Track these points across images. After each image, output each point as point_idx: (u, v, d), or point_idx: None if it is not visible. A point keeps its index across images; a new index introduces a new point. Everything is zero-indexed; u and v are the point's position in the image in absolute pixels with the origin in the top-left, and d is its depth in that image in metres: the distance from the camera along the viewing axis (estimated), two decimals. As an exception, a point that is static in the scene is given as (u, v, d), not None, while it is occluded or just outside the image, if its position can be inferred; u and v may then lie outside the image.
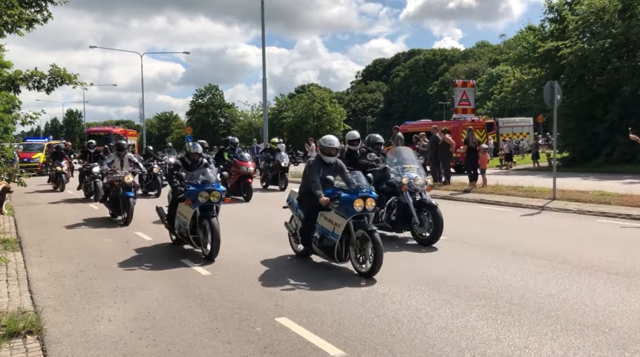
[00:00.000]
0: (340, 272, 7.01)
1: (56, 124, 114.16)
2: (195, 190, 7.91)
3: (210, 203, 7.92)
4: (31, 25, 9.94)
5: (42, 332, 4.84)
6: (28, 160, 30.15)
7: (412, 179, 8.83)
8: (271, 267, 7.42)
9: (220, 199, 8.01)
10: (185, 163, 8.75)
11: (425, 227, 8.61)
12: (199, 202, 7.85)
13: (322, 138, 7.73)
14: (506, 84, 50.25)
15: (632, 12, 23.33)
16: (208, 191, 7.91)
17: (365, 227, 6.68)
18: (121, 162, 12.19)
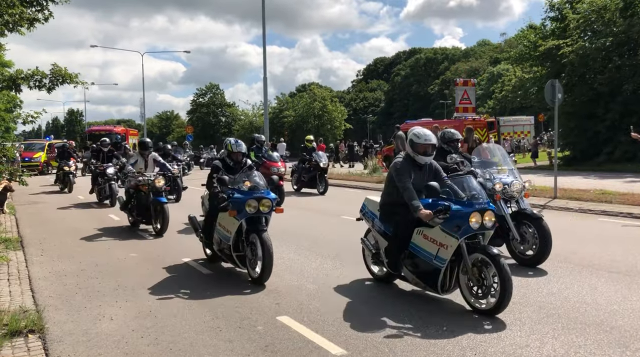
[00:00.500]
0: (341, 272, 7.01)
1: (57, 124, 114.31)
2: (241, 198, 6.56)
3: (260, 214, 6.58)
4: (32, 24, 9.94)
5: (43, 331, 4.85)
6: (29, 159, 30.18)
7: (507, 184, 7.18)
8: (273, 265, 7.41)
9: (271, 209, 6.68)
10: (227, 165, 7.32)
11: (527, 244, 7.02)
12: (246, 213, 6.49)
13: (414, 132, 5.86)
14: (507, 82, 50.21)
15: (634, 11, 23.30)
16: (257, 199, 6.56)
17: (485, 250, 5.19)
18: (145, 163, 10.67)
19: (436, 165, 5.94)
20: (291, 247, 8.64)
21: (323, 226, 10.97)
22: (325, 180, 16.76)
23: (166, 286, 6.48)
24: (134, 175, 10.41)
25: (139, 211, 10.50)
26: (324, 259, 7.68)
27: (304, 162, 17.32)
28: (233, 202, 6.57)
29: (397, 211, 5.75)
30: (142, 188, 10.34)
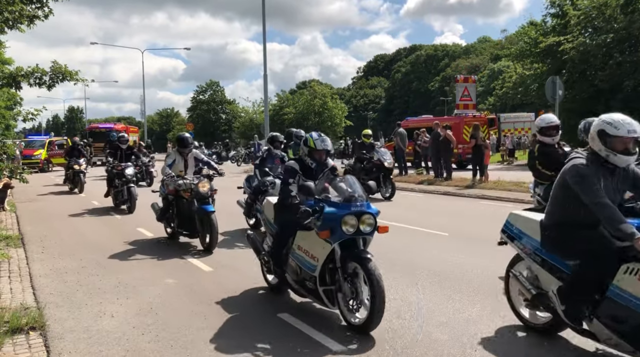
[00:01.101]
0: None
1: (57, 121, 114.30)
2: (335, 213, 4.75)
3: (361, 235, 4.79)
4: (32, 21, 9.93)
5: (44, 328, 4.85)
6: (29, 156, 30.18)
7: None
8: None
9: (374, 228, 4.84)
10: (306, 166, 5.57)
11: None
12: (343, 234, 4.69)
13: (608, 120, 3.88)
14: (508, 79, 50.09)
15: (635, 7, 23.28)
16: (357, 215, 4.75)
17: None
18: (185, 163, 8.88)
19: (635, 171, 4.06)
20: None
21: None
22: (391, 182, 14.29)
23: (167, 283, 6.48)
24: (173, 179, 8.50)
25: (181, 222, 8.74)
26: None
27: (361, 161, 14.76)
28: (326, 219, 4.76)
29: (582, 236, 3.98)
30: (183, 194, 8.54)
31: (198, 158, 9.00)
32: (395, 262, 7.08)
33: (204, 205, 8.18)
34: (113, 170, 13.43)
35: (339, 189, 5.08)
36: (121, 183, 13.04)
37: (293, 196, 5.24)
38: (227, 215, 10.26)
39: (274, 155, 9.72)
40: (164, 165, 8.73)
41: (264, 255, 5.86)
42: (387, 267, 6.66)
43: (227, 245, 8.71)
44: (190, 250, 8.27)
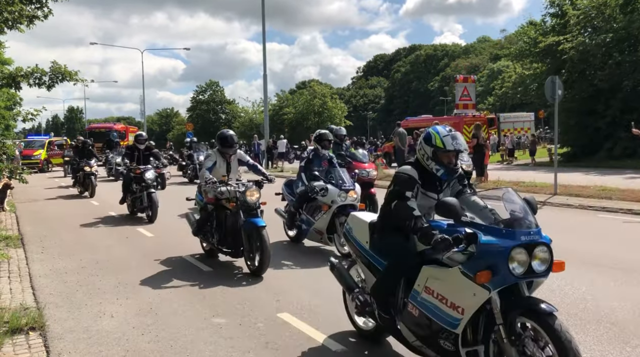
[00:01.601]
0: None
1: (57, 121, 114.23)
2: (498, 244, 3.27)
3: (533, 276, 3.33)
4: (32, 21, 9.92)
5: (44, 329, 4.86)
6: (29, 157, 30.17)
7: None
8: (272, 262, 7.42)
9: (549, 267, 3.36)
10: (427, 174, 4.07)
11: None
12: (509, 276, 3.23)
13: None
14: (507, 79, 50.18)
15: (634, 7, 23.26)
16: (528, 247, 3.29)
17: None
18: (228, 166, 7.41)
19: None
20: (291, 245, 8.65)
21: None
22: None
23: (167, 283, 6.49)
24: (214, 185, 7.02)
25: (223, 238, 7.22)
26: (324, 256, 7.67)
27: None
28: (482, 252, 3.29)
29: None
30: (226, 204, 7.17)
31: (243, 160, 7.66)
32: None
33: (253, 218, 6.77)
34: (130, 173, 11.81)
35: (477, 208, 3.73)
36: (140, 188, 11.56)
37: (418, 217, 3.69)
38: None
39: (321, 157, 8.56)
40: (203, 169, 7.21)
41: (358, 293, 4.36)
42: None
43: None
44: (190, 251, 8.25)
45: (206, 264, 7.43)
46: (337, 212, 7.58)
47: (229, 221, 7.07)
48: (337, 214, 7.57)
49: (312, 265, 7.23)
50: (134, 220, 11.48)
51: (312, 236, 8.07)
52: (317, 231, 7.88)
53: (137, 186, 11.66)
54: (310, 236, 8.11)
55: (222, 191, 7.08)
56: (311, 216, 7.95)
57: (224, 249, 7.22)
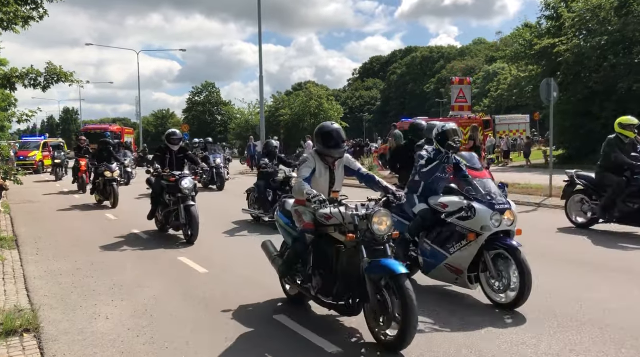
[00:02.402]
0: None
1: (52, 122, 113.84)
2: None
3: None
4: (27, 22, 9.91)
5: (39, 330, 4.83)
6: (24, 158, 30.06)
7: None
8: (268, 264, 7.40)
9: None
10: None
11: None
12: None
13: None
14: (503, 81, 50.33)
15: (629, 10, 23.39)
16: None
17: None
18: (332, 176, 5.13)
19: None
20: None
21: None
22: None
23: (162, 285, 6.46)
24: (322, 204, 4.59)
25: (328, 284, 4.78)
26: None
27: None
28: None
29: None
30: (337, 235, 4.71)
31: (352, 167, 5.21)
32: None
33: (384, 259, 4.33)
34: (162, 180, 9.41)
35: None
36: (174, 200, 9.23)
37: None
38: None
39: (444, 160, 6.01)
40: (299, 180, 4.91)
41: None
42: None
43: (223, 248, 8.69)
44: (186, 253, 8.23)
45: (202, 265, 7.41)
46: (487, 242, 5.36)
47: (342, 260, 4.62)
48: (486, 245, 5.36)
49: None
50: (129, 222, 11.44)
51: (441, 274, 5.73)
52: (453, 268, 5.52)
53: (171, 197, 9.29)
54: (437, 273, 5.78)
55: (332, 214, 4.62)
56: (441, 246, 5.63)
57: (328, 300, 4.75)
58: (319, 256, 4.92)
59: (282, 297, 5.79)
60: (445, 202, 5.75)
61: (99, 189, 14.45)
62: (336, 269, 4.70)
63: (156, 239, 9.51)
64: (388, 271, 4.22)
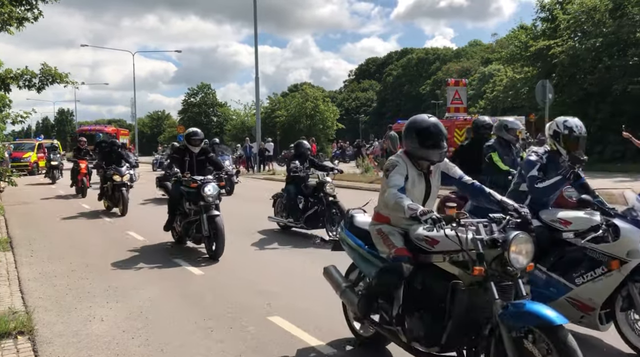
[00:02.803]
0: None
1: (47, 123, 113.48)
2: None
3: None
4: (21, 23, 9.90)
5: (33, 333, 4.81)
6: (19, 159, 29.93)
7: None
8: (263, 266, 7.40)
9: None
10: None
11: None
12: None
13: None
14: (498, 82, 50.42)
15: (623, 12, 23.52)
16: None
17: None
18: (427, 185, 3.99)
19: None
20: (282, 247, 8.62)
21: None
22: None
23: (157, 287, 6.45)
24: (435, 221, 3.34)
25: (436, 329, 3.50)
26: (314, 259, 7.66)
27: None
28: None
29: None
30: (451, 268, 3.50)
31: (451, 174, 4.04)
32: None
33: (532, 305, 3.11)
34: (181, 186, 8.41)
35: None
36: (196, 209, 8.10)
37: None
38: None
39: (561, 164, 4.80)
40: (392, 189, 3.72)
41: None
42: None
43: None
44: (181, 254, 8.20)
45: (198, 267, 7.39)
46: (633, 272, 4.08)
47: (461, 301, 3.37)
48: (631, 275, 4.08)
49: (303, 269, 7.21)
50: (124, 223, 11.41)
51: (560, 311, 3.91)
52: (578, 304, 4.23)
53: (191, 205, 8.24)
54: None
55: (449, 237, 3.36)
56: (563, 275, 4.37)
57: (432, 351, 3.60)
58: (419, 293, 3.66)
59: (277, 298, 5.78)
60: (568, 218, 4.48)
61: (107, 194, 13.09)
62: (449, 312, 3.43)
63: (152, 240, 9.48)
64: (538, 321, 3.02)
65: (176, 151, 9.03)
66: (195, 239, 8.30)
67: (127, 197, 12.63)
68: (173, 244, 8.85)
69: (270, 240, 8.85)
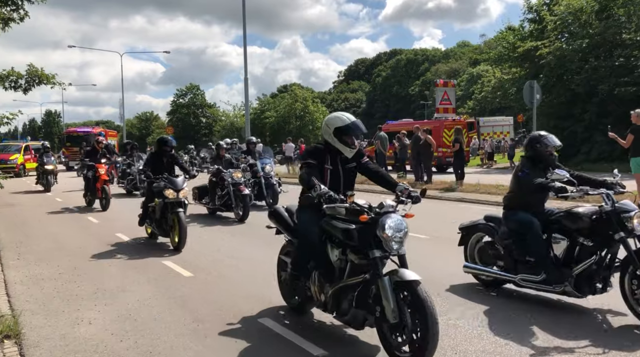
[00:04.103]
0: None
1: (34, 125, 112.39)
2: None
3: None
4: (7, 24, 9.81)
5: (20, 337, 4.75)
6: (5, 161, 29.62)
7: None
8: (252, 268, 7.38)
9: None
10: None
11: None
12: None
13: None
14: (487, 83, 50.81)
15: (609, 13, 23.76)
16: None
17: None
18: None
19: None
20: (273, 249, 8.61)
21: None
22: None
23: (146, 289, 6.40)
24: None
25: None
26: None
27: None
28: None
29: None
30: None
31: None
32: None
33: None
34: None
35: None
36: None
37: None
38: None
39: None
40: None
41: None
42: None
43: (207, 251, 8.64)
44: (170, 256, 8.16)
45: (187, 269, 7.36)
46: None
47: None
48: None
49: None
50: (112, 225, 11.33)
51: None
52: None
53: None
54: None
55: None
56: None
57: None
58: None
59: (266, 300, 5.77)
60: None
61: (153, 218, 9.08)
62: None
63: (140, 243, 9.42)
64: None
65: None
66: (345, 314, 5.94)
67: (185, 225, 8.47)
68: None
69: (261, 242, 8.82)
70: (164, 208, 8.65)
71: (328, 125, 4.79)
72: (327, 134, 4.79)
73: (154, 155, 9.59)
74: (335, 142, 4.73)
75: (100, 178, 13.59)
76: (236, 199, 11.52)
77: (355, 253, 4.25)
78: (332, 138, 4.74)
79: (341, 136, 4.70)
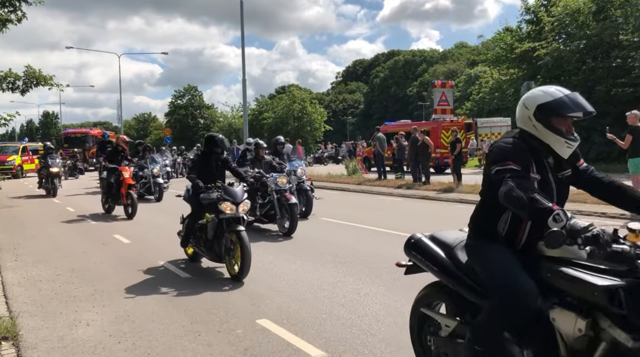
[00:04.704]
0: (321, 273, 7.01)
1: (32, 126, 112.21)
2: None
3: None
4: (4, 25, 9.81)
5: (17, 338, 4.75)
6: (2, 162, 29.58)
7: None
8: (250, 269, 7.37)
9: None
10: None
11: None
12: None
13: None
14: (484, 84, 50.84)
15: (606, 14, 23.83)
16: None
17: None
18: None
19: None
20: (270, 249, 8.61)
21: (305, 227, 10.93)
22: None
23: (144, 290, 6.40)
24: None
25: None
26: (303, 262, 7.67)
27: None
28: None
29: None
30: None
31: None
32: (373, 267, 7.10)
33: None
34: None
35: None
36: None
37: None
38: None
39: None
40: None
41: None
42: (365, 271, 6.68)
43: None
44: (168, 258, 8.16)
45: (184, 270, 7.36)
46: None
47: None
48: None
49: (291, 271, 7.20)
50: (110, 226, 11.31)
51: None
52: None
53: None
54: None
55: None
56: None
57: None
58: None
59: (264, 301, 5.78)
60: None
61: (201, 238, 7.30)
62: None
63: (139, 243, 9.42)
64: None
65: None
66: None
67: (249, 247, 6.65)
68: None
69: (257, 243, 8.83)
70: (218, 226, 7.02)
71: (527, 105, 2.96)
72: (525, 120, 2.97)
73: (201, 158, 7.76)
74: (542, 131, 2.90)
75: (125, 182, 12.30)
76: (281, 209, 9.94)
77: (623, 328, 2.36)
78: (536, 125, 2.91)
79: (550, 119, 2.87)
